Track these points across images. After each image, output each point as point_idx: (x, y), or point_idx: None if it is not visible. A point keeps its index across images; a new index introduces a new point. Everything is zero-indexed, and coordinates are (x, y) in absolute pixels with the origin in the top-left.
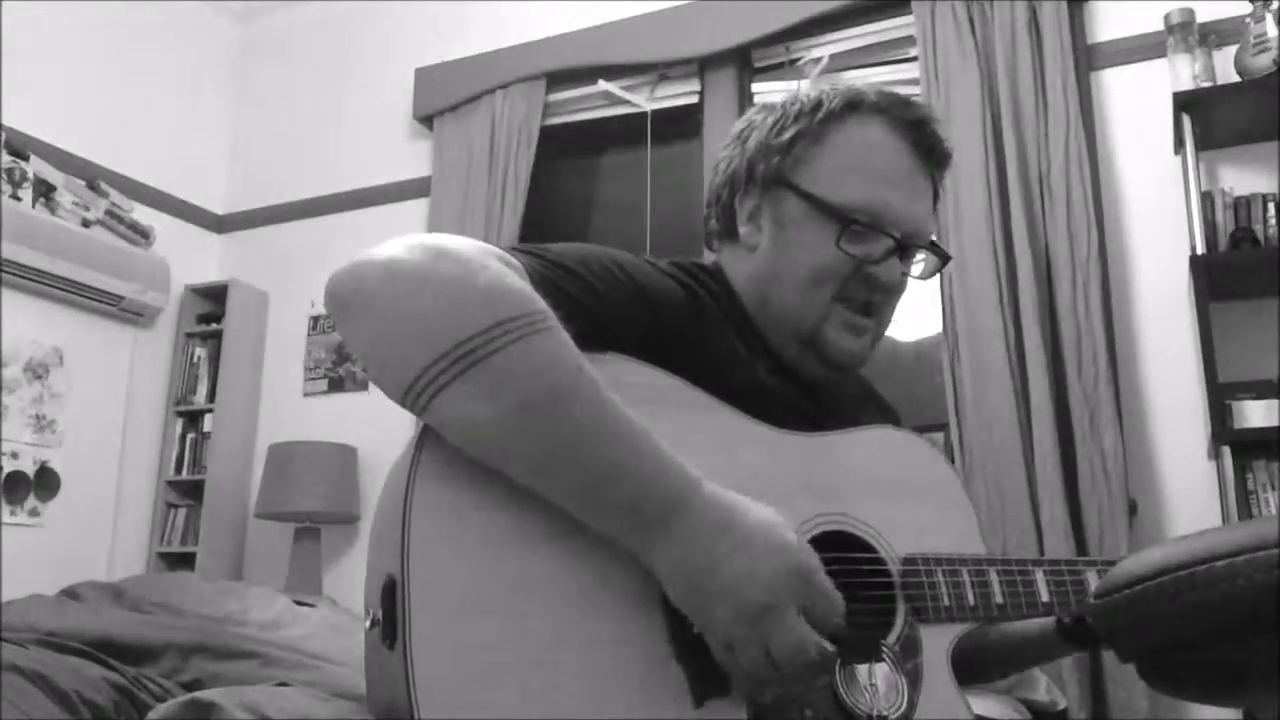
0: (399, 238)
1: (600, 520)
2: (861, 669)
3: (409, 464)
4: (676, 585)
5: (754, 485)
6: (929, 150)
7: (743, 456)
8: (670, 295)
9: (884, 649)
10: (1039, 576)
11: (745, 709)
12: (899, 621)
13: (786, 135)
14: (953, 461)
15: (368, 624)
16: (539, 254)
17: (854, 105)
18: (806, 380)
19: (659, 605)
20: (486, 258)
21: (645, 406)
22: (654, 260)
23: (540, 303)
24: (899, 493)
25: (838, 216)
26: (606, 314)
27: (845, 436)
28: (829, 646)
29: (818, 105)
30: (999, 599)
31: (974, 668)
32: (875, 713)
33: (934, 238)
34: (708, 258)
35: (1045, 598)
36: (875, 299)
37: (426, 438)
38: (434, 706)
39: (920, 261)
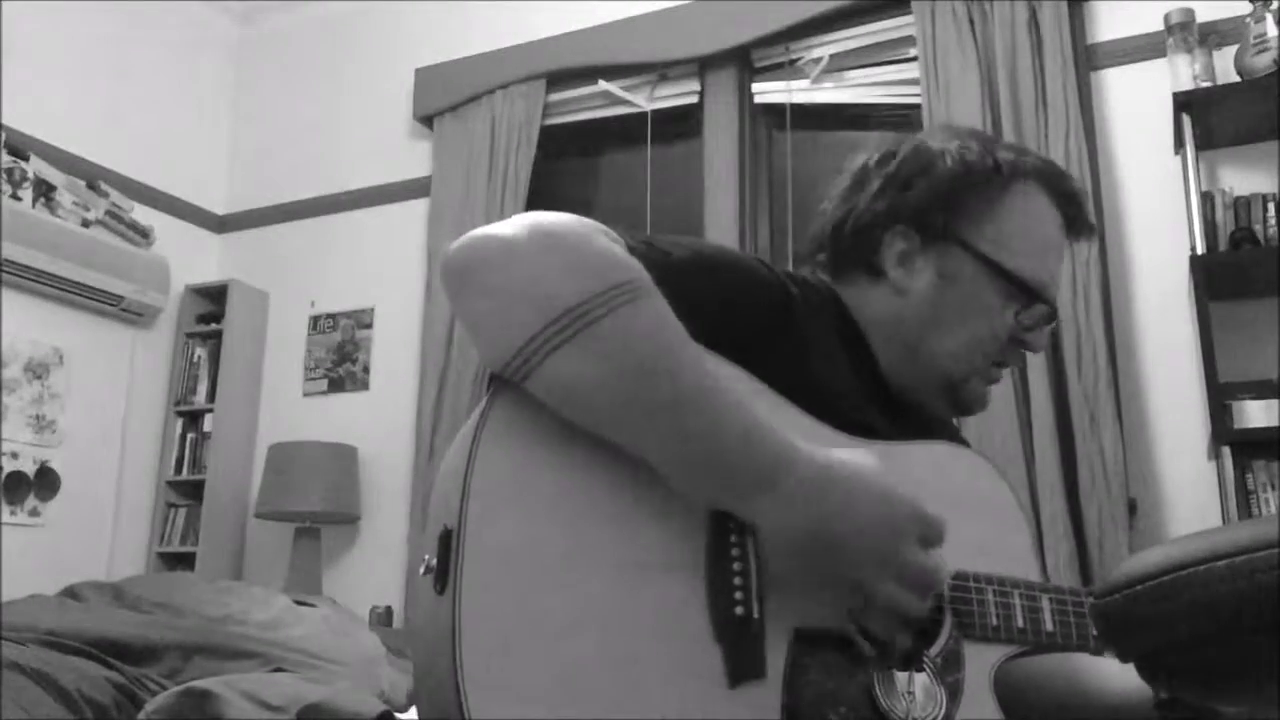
0: (513, 217)
1: (700, 482)
2: (901, 676)
3: (476, 422)
4: (789, 544)
5: None
6: (1077, 224)
7: None
8: (766, 293)
9: (925, 659)
10: None
11: (779, 697)
12: (944, 634)
13: (960, 189)
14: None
15: (422, 570)
16: (638, 236)
17: (1021, 171)
18: (896, 403)
19: (704, 583)
20: (595, 231)
21: None
22: (763, 260)
23: (643, 271)
24: (957, 508)
25: (1014, 283)
26: (692, 300)
27: (909, 447)
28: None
29: (992, 164)
30: (1049, 626)
31: None
32: (910, 718)
33: None
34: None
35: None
36: (1015, 360)
37: (496, 400)
38: (476, 654)
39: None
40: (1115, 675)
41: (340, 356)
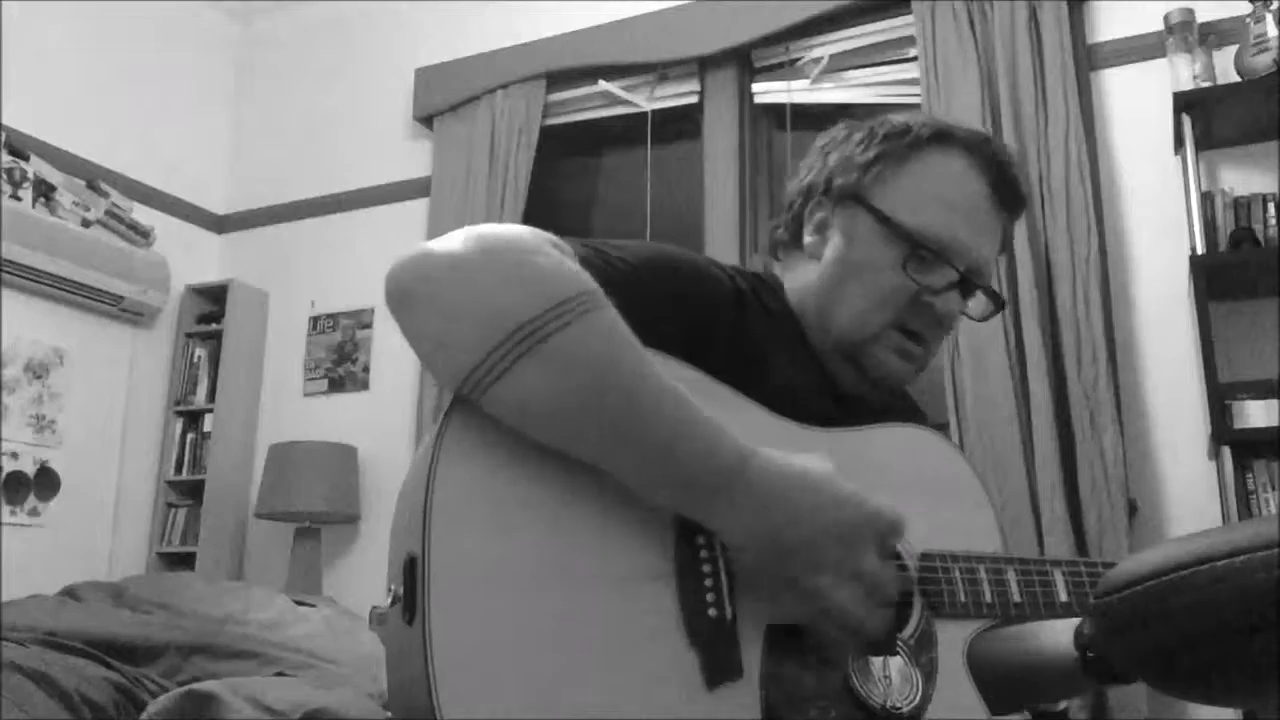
0: (455, 231)
1: (660, 492)
2: (876, 662)
3: (432, 443)
4: (749, 550)
5: None
6: (1006, 193)
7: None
8: (716, 291)
9: (899, 643)
10: (1058, 577)
11: (758, 695)
12: (915, 616)
13: (871, 153)
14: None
15: (389, 601)
16: (588, 244)
17: (941, 136)
18: (845, 393)
19: (675, 587)
20: (542, 243)
21: None
22: (712, 260)
23: (594, 283)
24: (918, 490)
25: (908, 240)
26: (645, 304)
27: (867, 433)
28: (910, 569)
29: (906, 130)
30: (1016, 598)
31: (997, 696)
32: (889, 704)
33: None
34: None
35: (1064, 598)
36: (928, 330)
37: (451, 418)
38: (450, 682)
39: (977, 301)
40: (1052, 633)
41: (340, 356)
